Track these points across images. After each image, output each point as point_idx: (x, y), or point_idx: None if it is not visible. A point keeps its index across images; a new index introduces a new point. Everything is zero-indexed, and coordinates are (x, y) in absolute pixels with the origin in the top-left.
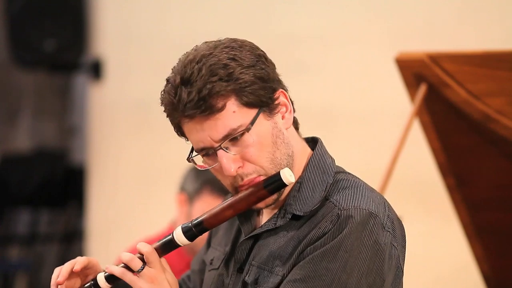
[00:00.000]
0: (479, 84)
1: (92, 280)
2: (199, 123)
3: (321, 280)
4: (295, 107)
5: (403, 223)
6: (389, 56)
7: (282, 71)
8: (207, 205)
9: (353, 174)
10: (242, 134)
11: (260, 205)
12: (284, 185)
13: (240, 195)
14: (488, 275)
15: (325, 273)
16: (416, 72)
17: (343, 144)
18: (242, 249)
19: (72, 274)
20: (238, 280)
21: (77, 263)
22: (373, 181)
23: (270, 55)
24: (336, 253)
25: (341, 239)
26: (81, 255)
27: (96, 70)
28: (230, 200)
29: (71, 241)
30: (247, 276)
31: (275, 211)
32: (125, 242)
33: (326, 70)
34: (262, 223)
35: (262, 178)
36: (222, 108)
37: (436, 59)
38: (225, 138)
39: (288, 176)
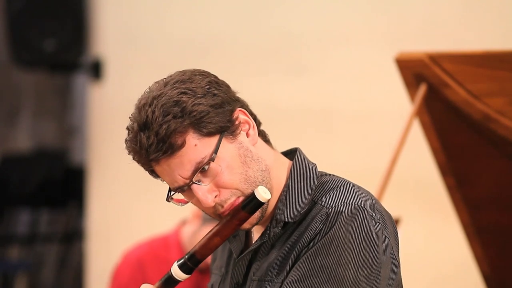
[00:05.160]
0: (479, 84)
1: None
2: (166, 164)
3: (318, 277)
4: (293, 107)
5: (401, 223)
6: (389, 56)
7: (282, 71)
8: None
9: (337, 175)
10: (209, 164)
11: (246, 226)
12: (261, 203)
13: (223, 221)
14: (488, 275)
15: (321, 270)
16: (416, 72)
17: (343, 144)
18: (240, 265)
19: None
20: None
21: None
22: (373, 181)
23: (270, 55)
24: (329, 249)
25: (332, 234)
26: (81, 255)
27: (96, 70)
28: (215, 228)
29: (71, 241)
30: None
31: (266, 223)
32: (125, 242)
33: (326, 70)
34: (254, 238)
35: (241, 199)
36: (182, 145)
37: (436, 59)
38: (194, 172)
39: (263, 193)
